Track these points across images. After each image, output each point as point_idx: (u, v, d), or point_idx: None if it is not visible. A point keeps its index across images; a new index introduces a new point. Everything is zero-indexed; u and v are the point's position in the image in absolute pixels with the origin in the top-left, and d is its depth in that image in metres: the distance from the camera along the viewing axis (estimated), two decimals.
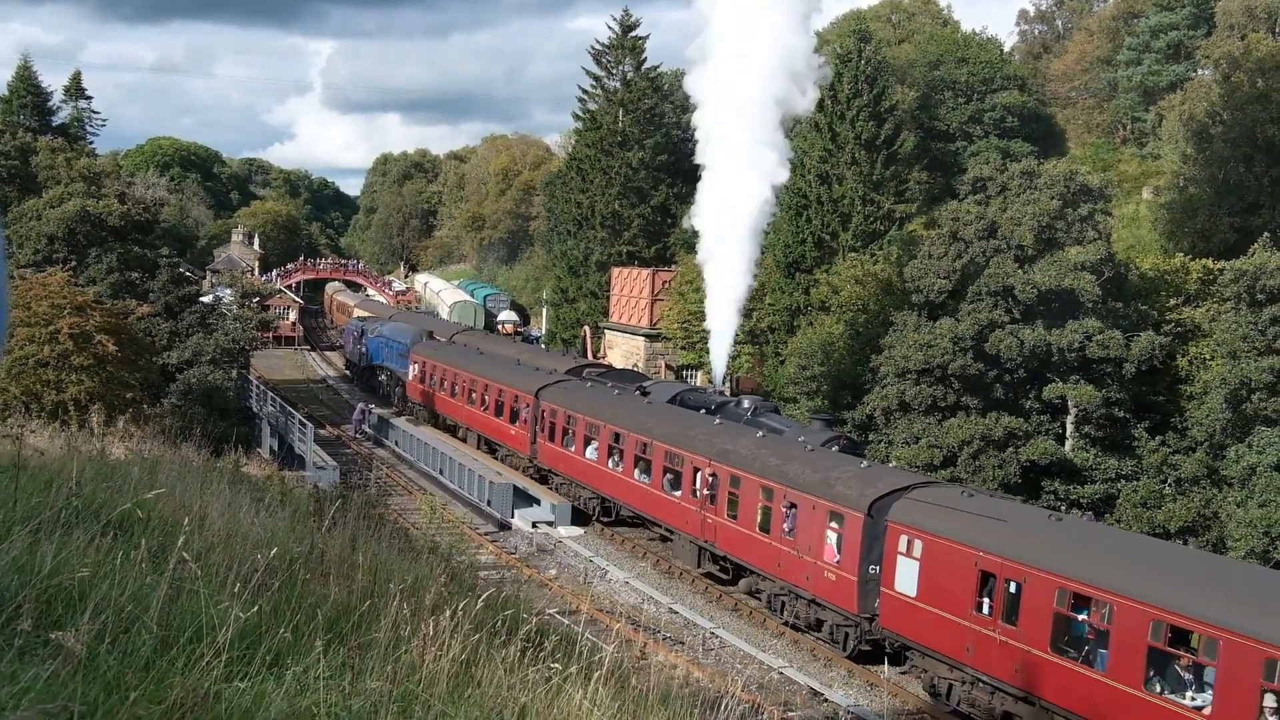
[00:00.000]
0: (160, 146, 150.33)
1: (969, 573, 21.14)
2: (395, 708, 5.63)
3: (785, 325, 50.59)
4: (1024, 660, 19.88)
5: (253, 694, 5.42)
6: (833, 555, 24.59)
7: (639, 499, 33.15)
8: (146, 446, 19.41)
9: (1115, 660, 18.23)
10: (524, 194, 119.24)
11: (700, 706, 7.66)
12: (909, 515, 22.91)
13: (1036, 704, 19.85)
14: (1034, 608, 19.73)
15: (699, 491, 29.63)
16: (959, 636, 21.31)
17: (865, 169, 51.34)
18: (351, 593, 7.87)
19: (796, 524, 25.86)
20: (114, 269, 44.56)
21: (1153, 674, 17.83)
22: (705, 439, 30.28)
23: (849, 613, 24.44)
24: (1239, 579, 18.71)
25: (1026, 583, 19.93)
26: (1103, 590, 18.61)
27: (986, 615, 20.78)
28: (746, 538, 27.68)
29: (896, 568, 22.83)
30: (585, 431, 36.17)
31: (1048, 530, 20.97)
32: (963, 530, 21.61)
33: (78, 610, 5.81)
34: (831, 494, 24.92)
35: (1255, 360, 33.14)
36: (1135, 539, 22.89)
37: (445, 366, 48.93)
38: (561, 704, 6.42)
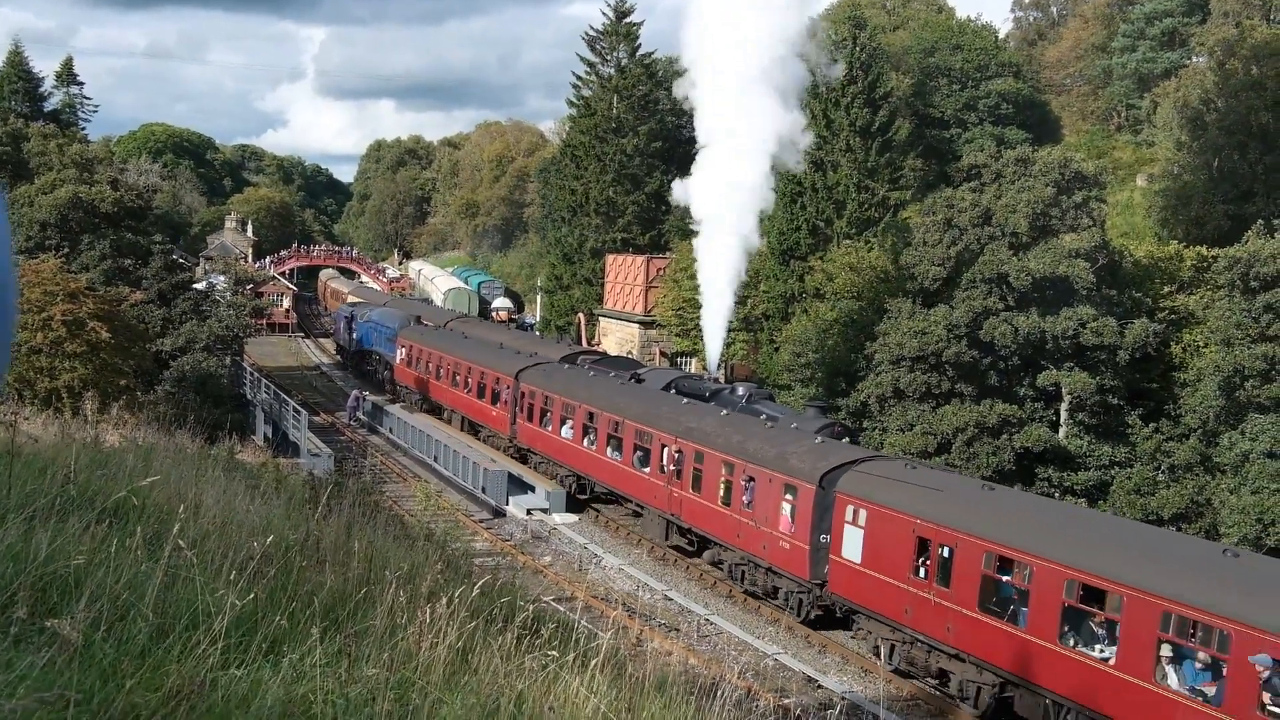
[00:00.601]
0: (153, 133, 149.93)
1: (907, 539, 22.48)
2: (392, 695, 5.62)
3: (780, 312, 50.58)
4: (956, 620, 21.24)
5: (249, 681, 5.41)
6: (787, 525, 25.89)
7: (611, 475, 34.39)
8: (140, 434, 19.37)
9: (1034, 617, 19.63)
10: (518, 181, 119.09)
11: (696, 693, 7.66)
12: (855, 486, 24.18)
13: (967, 660, 21.20)
14: (965, 571, 21.11)
15: (666, 467, 30.83)
16: (899, 599, 22.62)
17: (860, 156, 51.27)
18: (347, 580, 7.86)
19: (755, 496, 27.11)
20: (107, 256, 44.44)
21: (1067, 629, 19.19)
22: (672, 417, 31.55)
23: (802, 579, 25.68)
24: (1145, 541, 19.94)
25: (958, 548, 21.30)
26: (1024, 553, 20.06)
27: (923, 579, 22.07)
28: (710, 510, 28.98)
29: (844, 536, 24.15)
30: (561, 412, 37.40)
31: (980, 499, 22.35)
32: (903, 500, 22.92)
33: (73, 598, 5.79)
34: (787, 468, 26.23)
35: (1249, 347, 33.18)
36: (1058, 506, 24.03)
37: (431, 350, 49.97)
38: (558, 691, 6.42)
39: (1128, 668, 17.95)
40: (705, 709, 7.27)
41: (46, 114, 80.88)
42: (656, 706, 6.96)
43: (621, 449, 33.60)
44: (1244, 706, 16.14)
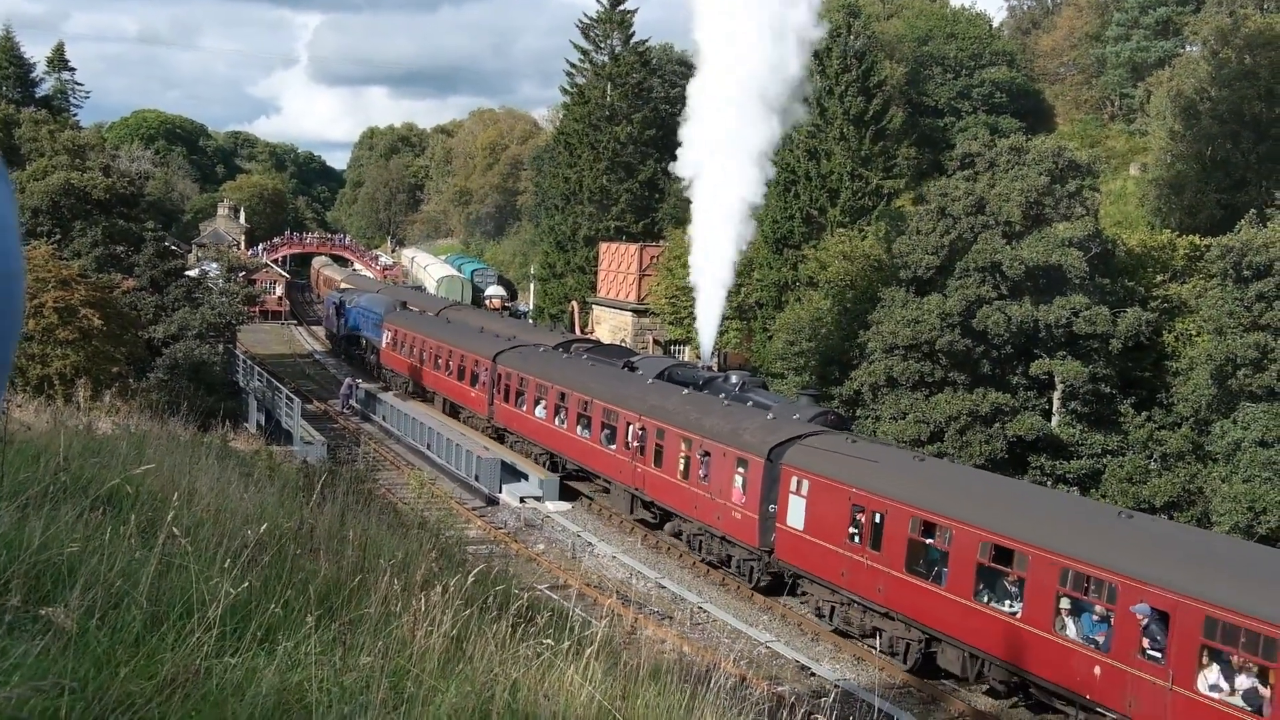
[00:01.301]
0: (145, 119, 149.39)
1: (844, 507, 24.07)
2: (387, 683, 5.62)
3: (773, 301, 50.59)
4: (885, 581, 22.90)
5: (244, 670, 5.41)
6: (739, 497, 27.41)
7: (580, 453, 35.89)
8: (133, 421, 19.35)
9: (954, 577, 21.29)
10: (511, 168, 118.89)
11: (691, 680, 7.67)
12: (799, 458, 25.78)
13: (896, 618, 22.86)
14: (893, 535, 22.78)
15: (630, 444, 32.31)
16: (836, 563, 24.27)
17: (854, 144, 51.24)
18: (341, 568, 7.86)
19: (710, 470, 28.62)
20: (99, 242, 44.31)
21: (982, 587, 20.86)
22: (637, 397, 33.06)
23: (752, 547, 27.22)
24: (1051, 506, 21.65)
25: (888, 514, 22.94)
26: (945, 518, 21.65)
27: (857, 544, 23.69)
28: (670, 484, 30.58)
29: (788, 505, 25.78)
30: (536, 393, 38.80)
31: (910, 469, 23.90)
32: (840, 470, 24.52)
33: (67, 586, 5.78)
34: (739, 442, 27.74)
35: (1241, 336, 33.25)
36: (979, 475, 25.50)
37: (415, 334, 51.16)
38: (553, 679, 6.43)
39: (1032, 620, 19.56)
40: (699, 697, 7.29)
41: (38, 100, 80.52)
42: (651, 694, 6.97)
43: (590, 427, 35.09)
44: (1127, 652, 17.82)
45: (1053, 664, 19.20)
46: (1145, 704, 17.55)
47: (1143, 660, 17.58)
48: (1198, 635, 16.81)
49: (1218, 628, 16.56)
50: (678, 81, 72.76)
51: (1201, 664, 16.85)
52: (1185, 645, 17.03)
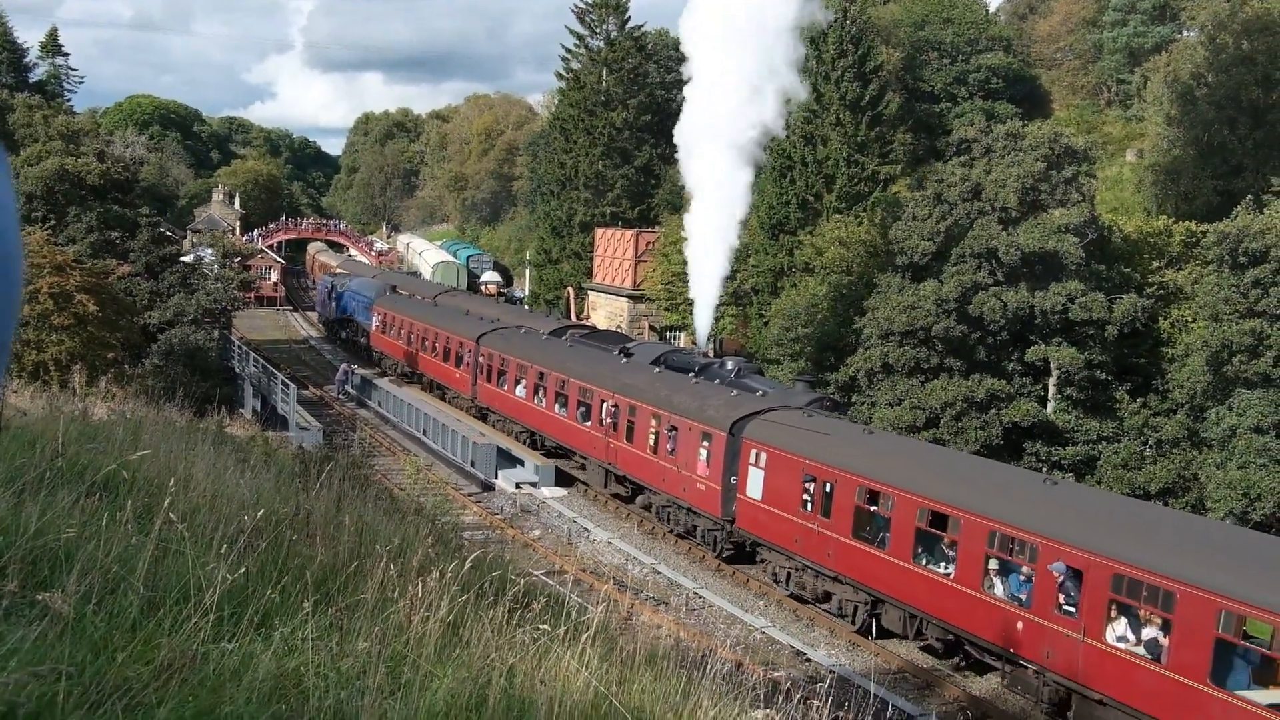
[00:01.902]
0: (139, 104, 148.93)
1: (797, 477, 25.30)
2: (384, 668, 5.63)
3: (769, 287, 50.57)
4: (835, 547, 24.16)
5: (241, 655, 5.41)
6: (704, 469, 28.57)
7: (558, 430, 37.10)
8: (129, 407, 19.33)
9: (895, 541, 22.55)
10: (507, 154, 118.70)
11: (687, 666, 7.69)
12: (759, 432, 27.01)
13: (845, 582, 24.18)
14: (841, 503, 23.98)
15: (604, 420, 33.49)
16: (790, 531, 25.51)
17: (850, 130, 51.16)
18: (338, 554, 7.86)
19: (677, 444, 29.77)
20: (93, 228, 44.23)
21: (920, 550, 22.18)
22: (611, 375, 34.35)
23: (715, 517, 28.45)
24: (984, 474, 22.98)
25: (837, 483, 24.16)
26: (887, 485, 22.95)
27: (809, 511, 24.91)
28: (641, 459, 31.78)
29: (748, 477, 26.97)
30: (516, 373, 40.06)
31: (858, 441, 25.03)
32: (795, 443, 25.71)
33: (64, 571, 5.78)
34: (704, 417, 28.92)
35: (1236, 323, 33.27)
36: (922, 446, 26.61)
37: (403, 317, 52.46)
38: (549, 665, 6.44)
39: (964, 580, 20.95)
40: (695, 682, 7.30)
41: (32, 85, 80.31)
42: (647, 680, 6.99)
43: (567, 405, 36.28)
44: (1045, 607, 19.17)
45: (981, 621, 20.58)
46: (1060, 656, 18.90)
47: (1059, 615, 18.94)
48: (1107, 591, 18.15)
49: (1124, 583, 17.89)
50: (673, 67, 72.63)
51: (1110, 617, 18.19)
52: (1096, 600, 18.37)
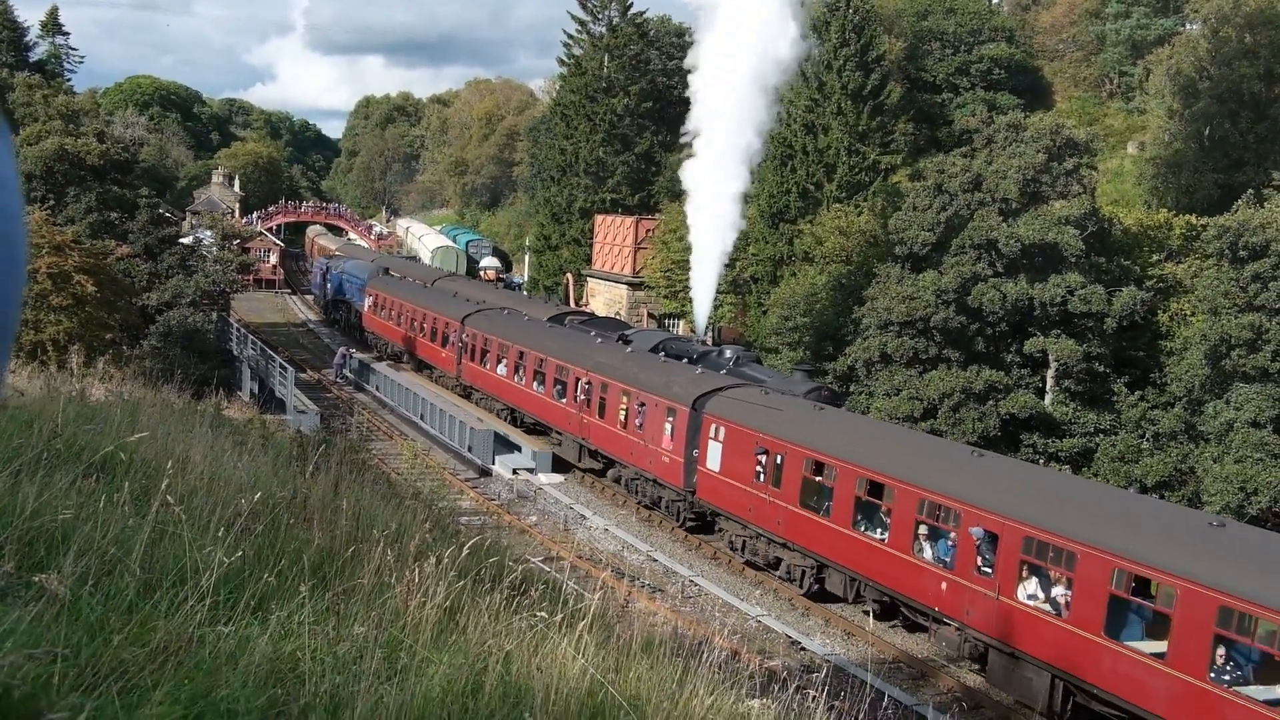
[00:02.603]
0: (139, 85, 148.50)
1: (752, 450, 26.78)
2: (380, 654, 5.62)
3: (768, 275, 50.53)
4: (784, 515, 25.71)
5: (237, 638, 5.40)
6: (668, 443, 30.12)
7: (536, 407, 38.56)
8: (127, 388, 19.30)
9: (837, 510, 24.16)
10: (507, 139, 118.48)
11: (683, 654, 7.69)
12: (718, 408, 28.49)
13: (793, 547, 25.75)
14: (791, 474, 25.56)
15: (578, 398, 34.93)
16: (745, 500, 26.98)
17: (851, 119, 51.08)
18: (335, 538, 7.85)
19: (645, 419, 31.27)
20: (93, 209, 44.14)
21: (859, 517, 23.85)
22: (585, 354, 35.80)
23: (678, 488, 29.98)
24: (917, 446, 24.60)
25: (787, 455, 25.70)
26: (831, 457, 24.51)
27: (762, 482, 26.43)
28: (611, 434, 33.27)
29: (708, 450, 28.41)
30: (498, 352, 41.52)
31: (809, 417, 26.46)
32: (751, 418, 27.23)
33: (60, 552, 5.77)
34: (669, 394, 30.49)
35: (1235, 317, 33.28)
36: (865, 421, 28.08)
37: (393, 299, 53.90)
38: (546, 651, 6.43)
39: (896, 545, 22.55)
40: (691, 670, 7.30)
41: (31, 64, 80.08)
42: (643, 667, 6.98)
43: (544, 383, 37.68)
44: (966, 568, 20.81)
45: (911, 582, 22.24)
46: (978, 613, 20.55)
47: (978, 575, 20.62)
48: (1018, 552, 19.78)
49: (1034, 545, 19.47)
50: (675, 54, 72.48)
51: (1022, 576, 19.83)
52: (1009, 561, 20.00)
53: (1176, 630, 17.04)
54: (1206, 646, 16.56)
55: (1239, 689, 16.39)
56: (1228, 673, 16.71)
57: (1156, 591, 17.95)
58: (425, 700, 5.37)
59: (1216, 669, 16.60)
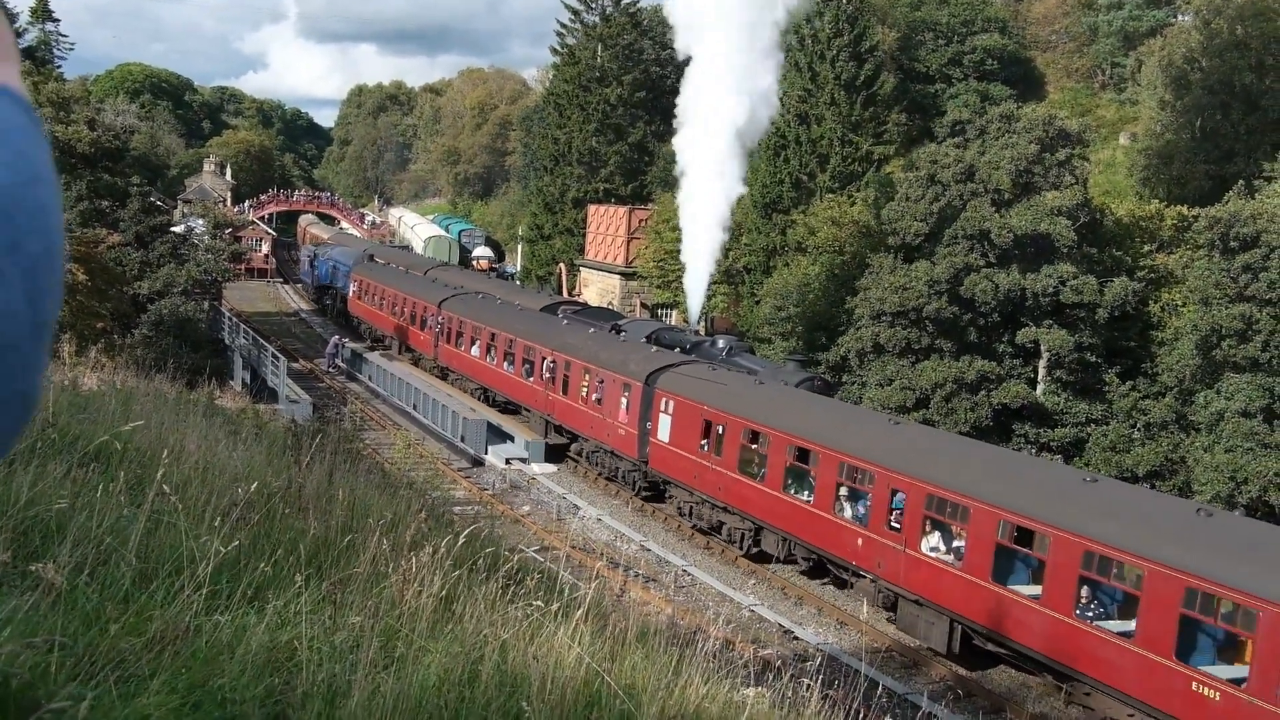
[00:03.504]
0: (130, 73, 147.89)
1: (698, 422, 28.72)
2: (377, 643, 5.63)
3: (761, 265, 50.53)
4: (724, 481, 27.71)
5: (233, 628, 5.41)
6: (624, 417, 31.93)
7: (507, 386, 40.22)
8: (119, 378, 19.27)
9: (770, 475, 26.17)
10: (500, 129, 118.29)
11: (678, 644, 7.71)
12: (669, 383, 30.46)
13: (733, 511, 27.76)
14: (730, 442, 27.50)
15: (544, 376, 36.61)
16: (691, 469, 28.98)
17: (844, 110, 51.06)
18: (330, 528, 7.85)
19: (604, 395, 33.03)
20: (83, 197, 43.98)
21: (789, 482, 25.76)
22: (551, 335, 37.56)
23: (633, 459, 31.87)
24: (840, 415, 26.84)
25: (727, 426, 27.61)
26: (765, 426, 26.51)
27: (706, 451, 28.31)
28: (574, 409, 35.08)
29: (659, 422, 30.37)
30: (472, 334, 43.08)
31: (748, 391, 28.36)
32: (697, 392, 29.18)
33: (56, 542, 5.77)
34: (626, 370, 32.23)
35: (1226, 307, 33.36)
36: (797, 394, 28.88)
37: (376, 284, 55.67)
38: (542, 640, 6.45)
39: (820, 506, 24.69)
40: (686, 659, 7.32)
41: (21, 51, 79.51)
42: (639, 657, 7.00)
43: (514, 363, 39.35)
44: (879, 524, 22.92)
45: (833, 540, 24.31)
46: (888, 565, 22.68)
47: (888, 531, 22.69)
48: (922, 509, 21.92)
49: (935, 502, 21.62)
50: (668, 44, 72.36)
51: (925, 531, 22.04)
52: (914, 517, 22.15)
53: (1050, 574, 19.24)
54: (1073, 588, 18.77)
55: (1100, 624, 18.57)
56: (1091, 610, 18.87)
57: (1035, 541, 19.79)
58: (422, 689, 5.38)
59: (1082, 607, 18.80)
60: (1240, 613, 16.23)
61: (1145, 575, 17.48)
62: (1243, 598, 16.11)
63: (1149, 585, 17.41)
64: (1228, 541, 17.34)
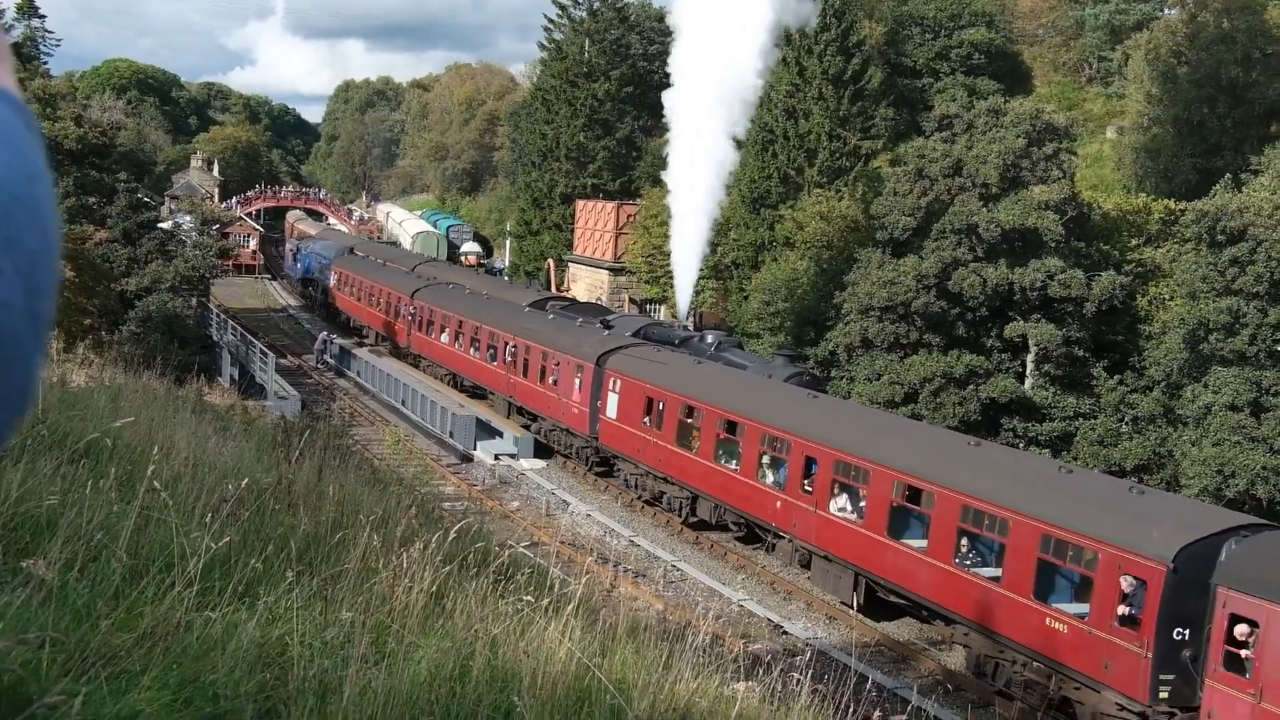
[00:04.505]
0: (117, 68, 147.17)
1: (641, 399, 30.73)
2: (368, 638, 5.64)
3: (750, 260, 50.52)
4: (664, 454, 29.74)
5: (224, 624, 5.42)
6: (578, 396, 33.82)
7: (474, 371, 42.03)
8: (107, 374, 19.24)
9: (703, 446, 28.25)
10: (488, 124, 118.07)
11: (668, 639, 7.74)
12: (617, 363, 32.46)
13: (673, 482, 29.73)
14: (669, 417, 29.57)
15: (507, 360, 38.34)
16: (635, 443, 31.04)
17: (832, 104, 51.03)
18: (320, 524, 7.86)
19: (560, 377, 34.94)
20: (70, 193, 43.77)
21: (720, 452, 27.84)
22: (513, 321, 39.54)
23: (585, 435, 33.85)
24: (764, 390, 28.63)
25: (666, 402, 29.68)
26: (699, 402, 28.64)
27: (648, 426, 30.28)
28: (534, 390, 36.96)
29: (608, 400, 32.34)
30: (442, 322, 45.03)
31: (688, 370, 30.49)
32: (641, 371, 31.26)
33: (46, 538, 5.77)
34: (579, 353, 34.23)
35: (1213, 301, 33.49)
36: (730, 372, 30.76)
37: (356, 276, 58.01)
38: (533, 636, 6.46)
39: (745, 473, 26.81)
40: (676, 654, 7.34)
41: None
42: (629, 652, 7.03)
43: (479, 349, 41.18)
44: (795, 487, 25.02)
45: (757, 504, 26.45)
46: (801, 524, 24.73)
47: (803, 494, 24.72)
48: (831, 473, 24.10)
49: (841, 466, 23.86)
50: (656, 39, 72.36)
51: (834, 493, 24.11)
52: (824, 480, 24.28)
53: (933, 527, 21.46)
54: (953, 539, 20.95)
55: (975, 570, 20.77)
56: (969, 559, 21.10)
57: (924, 498, 21.96)
58: (413, 684, 5.39)
59: (961, 556, 20.99)
60: (1084, 555, 18.46)
61: (1010, 524, 19.61)
62: (1086, 541, 18.34)
63: (1013, 533, 19.57)
64: (1083, 495, 19.46)
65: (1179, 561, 16.96)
